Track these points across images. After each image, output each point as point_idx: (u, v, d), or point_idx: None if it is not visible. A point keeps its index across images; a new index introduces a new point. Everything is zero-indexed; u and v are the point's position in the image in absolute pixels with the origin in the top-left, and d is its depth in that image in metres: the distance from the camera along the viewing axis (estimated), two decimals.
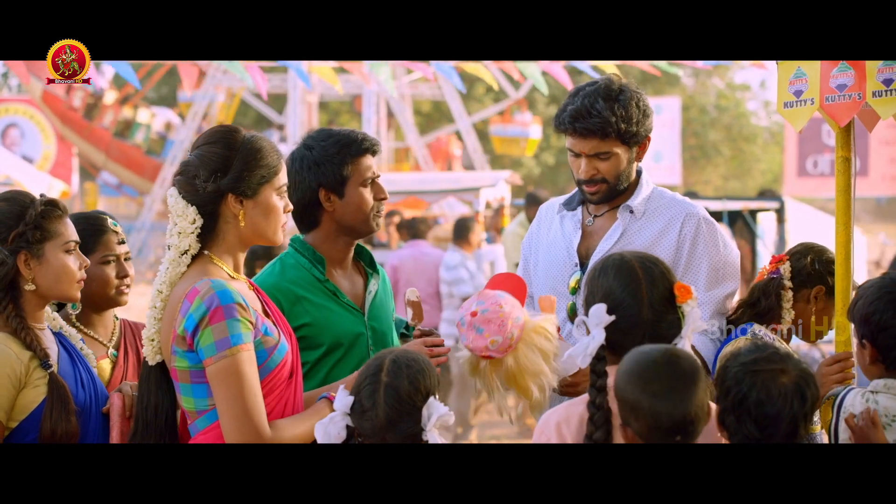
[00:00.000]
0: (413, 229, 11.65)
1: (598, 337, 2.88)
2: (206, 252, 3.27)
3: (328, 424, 3.02)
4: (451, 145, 27.87)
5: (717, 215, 11.77)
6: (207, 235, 3.27)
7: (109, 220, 3.83)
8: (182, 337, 3.12)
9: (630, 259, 2.99)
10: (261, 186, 3.26)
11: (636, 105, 3.90)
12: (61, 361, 3.38)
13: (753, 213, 12.46)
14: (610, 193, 3.97)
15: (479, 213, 12.33)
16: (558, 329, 3.65)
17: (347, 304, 3.86)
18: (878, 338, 3.34)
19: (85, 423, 3.33)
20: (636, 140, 3.93)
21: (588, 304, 2.97)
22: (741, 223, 12.16)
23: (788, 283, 3.96)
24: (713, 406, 2.80)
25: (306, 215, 3.91)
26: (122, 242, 3.86)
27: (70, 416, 3.26)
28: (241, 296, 3.16)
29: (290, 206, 3.38)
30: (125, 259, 3.86)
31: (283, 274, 3.83)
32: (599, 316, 2.88)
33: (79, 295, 3.47)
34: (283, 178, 3.33)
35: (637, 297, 2.92)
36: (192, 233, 3.23)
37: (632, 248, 3.80)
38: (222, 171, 3.23)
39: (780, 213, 12.46)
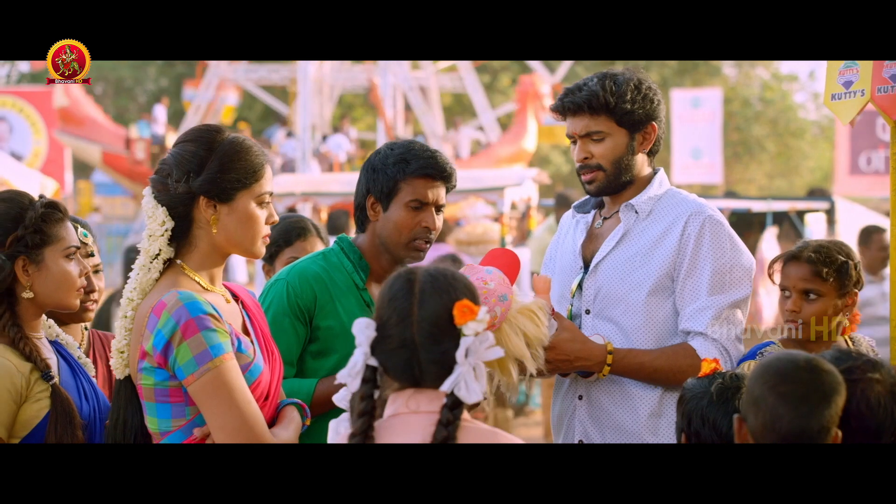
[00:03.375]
0: None
1: (359, 355, 2.75)
2: (178, 261, 3.26)
3: (339, 424, 2.97)
4: (539, 85, 26.52)
5: (762, 216, 11.74)
6: (181, 242, 3.27)
7: (80, 230, 3.79)
8: (150, 354, 3.10)
9: (415, 272, 2.79)
10: (237, 192, 3.24)
11: (634, 86, 3.90)
12: (62, 373, 3.38)
13: (801, 214, 12.41)
14: (608, 184, 3.96)
15: (503, 214, 12.29)
16: (553, 312, 3.77)
17: None
18: None
19: (90, 438, 3.33)
20: (633, 122, 3.92)
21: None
22: (787, 225, 12.11)
23: None
24: (839, 434, 2.73)
25: (358, 217, 4.00)
26: (91, 255, 3.88)
27: (76, 430, 3.26)
28: (213, 306, 3.14)
29: (275, 218, 3.35)
30: (94, 272, 3.88)
31: (327, 269, 3.91)
32: (362, 331, 2.75)
33: (78, 303, 3.47)
34: (265, 185, 3.31)
35: (404, 314, 2.72)
36: (162, 236, 3.22)
37: (634, 250, 3.90)
38: (196, 171, 3.22)
39: (830, 213, 12.40)
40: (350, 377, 2.75)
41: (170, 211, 3.23)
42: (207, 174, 3.21)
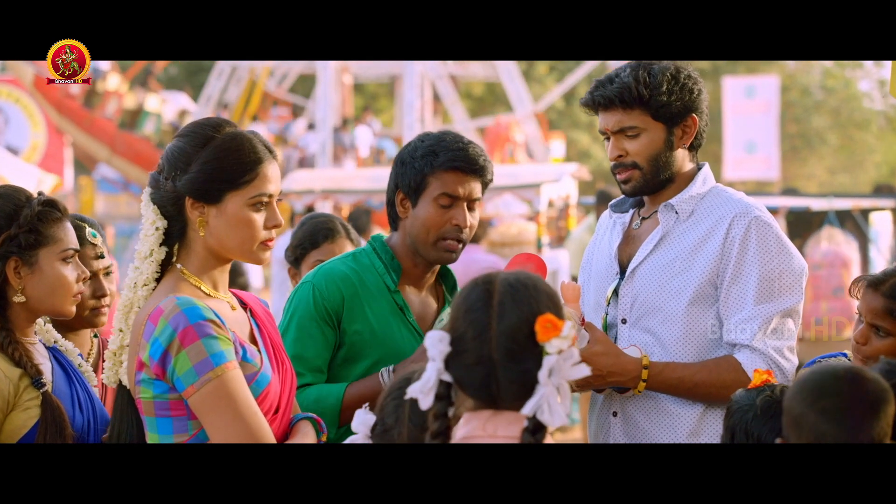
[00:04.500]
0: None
1: (432, 370, 2.67)
2: (178, 266, 3.27)
3: (365, 414, 3.03)
4: (513, 130, 27.45)
5: (822, 215, 11.67)
6: (179, 244, 3.28)
7: (88, 230, 3.84)
8: (147, 364, 3.10)
9: (493, 280, 2.70)
10: (224, 193, 3.22)
11: (671, 76, 3.84)
12: (56, 379, 3.38)
13: (866, 212, 12.34)
14: (646, 183, 3.90)
15: (539, 213, 12.22)
16: (582, 321, 3.75)
17: (412, 323, 3.94)
18: None
19: None
20: (670, 115, 3.85)
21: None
22: (851, 224, 12.04)
23: None
24: None
25: (389, 215, 4.05)
26: (101, 256, 3.90)
27: (67, 441, 3.26)
28: (215, 312, 3.13)
29: (278, 221, 3.30)
30: (105, 274, 3.92)
31: (356, 271, 3.93)
32: (435, 345, 2.67)
33: (73, 310, 3.47)
34: (261, 187, 3.26)
35: (481, 328, 2.65)
36: (152, 235, 3.23)
37: (673, 255, 3.85)
38: (182, 169, 3.22)
39: None
40: (422, 393, 2.68)
41: (160, 210, 3.25)
42: (191, 173, 3.22)
